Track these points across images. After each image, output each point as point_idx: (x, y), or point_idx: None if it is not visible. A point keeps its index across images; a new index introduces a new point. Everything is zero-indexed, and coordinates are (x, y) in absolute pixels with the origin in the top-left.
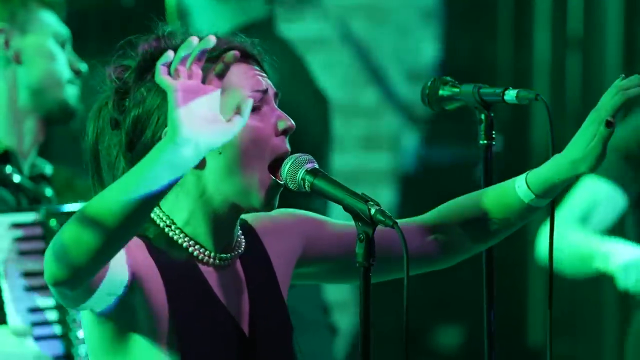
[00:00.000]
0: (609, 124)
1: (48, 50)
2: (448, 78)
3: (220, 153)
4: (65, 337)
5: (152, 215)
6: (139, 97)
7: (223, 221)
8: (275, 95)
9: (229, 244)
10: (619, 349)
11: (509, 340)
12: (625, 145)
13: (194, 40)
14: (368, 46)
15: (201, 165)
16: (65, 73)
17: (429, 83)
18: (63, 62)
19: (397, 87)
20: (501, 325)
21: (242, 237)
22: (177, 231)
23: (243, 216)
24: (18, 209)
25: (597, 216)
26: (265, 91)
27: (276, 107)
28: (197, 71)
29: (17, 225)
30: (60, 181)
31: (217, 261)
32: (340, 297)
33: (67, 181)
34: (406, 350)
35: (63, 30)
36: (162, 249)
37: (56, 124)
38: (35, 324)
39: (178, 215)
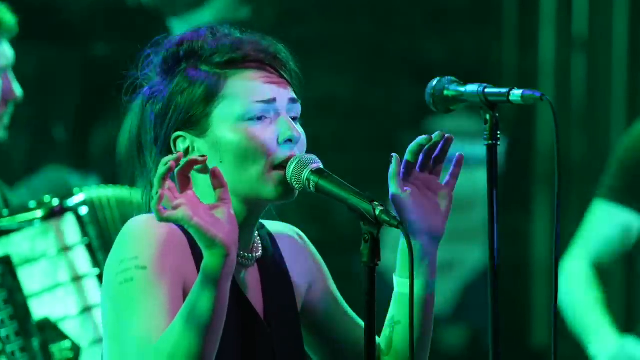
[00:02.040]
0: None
1: None
2: (453, 78)
3: (221, 162)
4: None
5: None
6: (162, 93)
7: (242, 219)
8: (291, 101)
9: (247, 245)
10: None
11: (513, 341)
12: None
13: (168, 161)
14: (374, 46)
15: (204, 170)
16: None
17: (434, 83)
18: None
19: (402, 87)
20: (506, 326)
21: (260, 242)
22: None
23: (271, 228)
24: None
25: (611, 248)
26: (271, 100)
27: (286, 115)
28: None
29: None
30: (54, 180)
31: (240, 259)
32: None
33: (62, 179)
34: (411, 352)
35: (9, 55)
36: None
37: None
38: None
39: None
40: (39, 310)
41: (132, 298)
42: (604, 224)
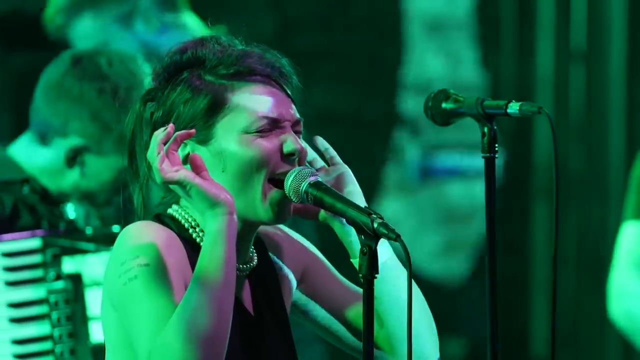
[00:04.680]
0: None
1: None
2: (451, 91)
3: (223, 171)
4: None
5: (178, 215)
6: (162, 99)
7: (239, 236)
8: (295, 118)
9: (244, 257)
10: None
11: (512, 352)
12: None
13: (164, 129)
14: (372, 58)
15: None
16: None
17: (432, 96)
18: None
19: (401, 100)
20: (505, 337)
21: (254, 253)
22: (201, 234)
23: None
24: (18, 233)
25: None
26: (277, 118)
27: (290, 130)
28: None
29: (9, 254)
30: None
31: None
32: None
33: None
34: (410, 350)
35: None
36: (197, 251)
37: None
38: (20, 357)
39: (201, 221)
40: (97, 334)
41: (138, 295)
42: (633, 239)
